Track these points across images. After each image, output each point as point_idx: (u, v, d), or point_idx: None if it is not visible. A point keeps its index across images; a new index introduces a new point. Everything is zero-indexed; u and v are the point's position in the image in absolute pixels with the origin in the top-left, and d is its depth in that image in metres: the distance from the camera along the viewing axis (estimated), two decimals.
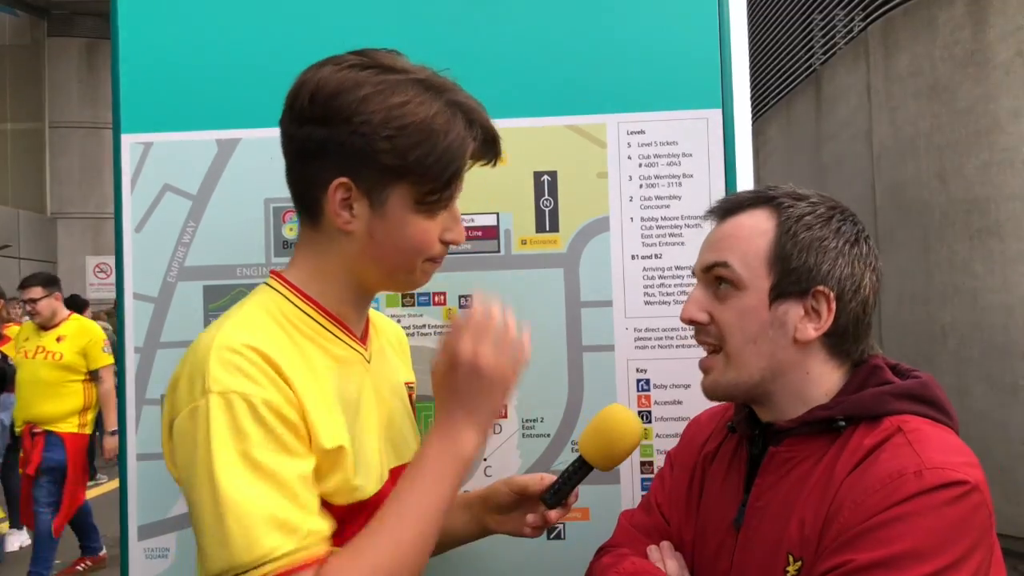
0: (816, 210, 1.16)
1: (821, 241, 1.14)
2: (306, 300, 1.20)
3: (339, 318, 1.22)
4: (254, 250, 1.63)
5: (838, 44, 7.40)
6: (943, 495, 1.00)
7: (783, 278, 1.14)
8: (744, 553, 1.15)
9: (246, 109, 1.63)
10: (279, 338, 1.14)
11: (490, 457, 1.61)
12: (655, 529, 1.32)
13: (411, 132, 1.11)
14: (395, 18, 1.63)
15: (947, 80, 5.53)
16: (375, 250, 1.18)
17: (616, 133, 1.62)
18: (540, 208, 1.62)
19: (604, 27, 1.62)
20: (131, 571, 1.60)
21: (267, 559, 1.01)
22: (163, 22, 1.65)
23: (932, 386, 1.14)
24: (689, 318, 1.19)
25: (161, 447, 1.55)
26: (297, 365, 1.12)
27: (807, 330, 1.14)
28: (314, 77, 1.15)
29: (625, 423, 1.26)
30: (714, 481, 1.27)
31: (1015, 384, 5.14)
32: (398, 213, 1.15)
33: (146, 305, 1.62)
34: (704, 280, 1.20)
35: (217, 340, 1.10)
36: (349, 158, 1.12)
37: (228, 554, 1.01)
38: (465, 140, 1.15)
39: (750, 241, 1.15)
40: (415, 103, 1.12)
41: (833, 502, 1.05)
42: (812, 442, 1.13)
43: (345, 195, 1.14)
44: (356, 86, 1.12)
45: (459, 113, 1.15)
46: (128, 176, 1.64)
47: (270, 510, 1.03)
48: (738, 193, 1.22)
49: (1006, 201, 5.21)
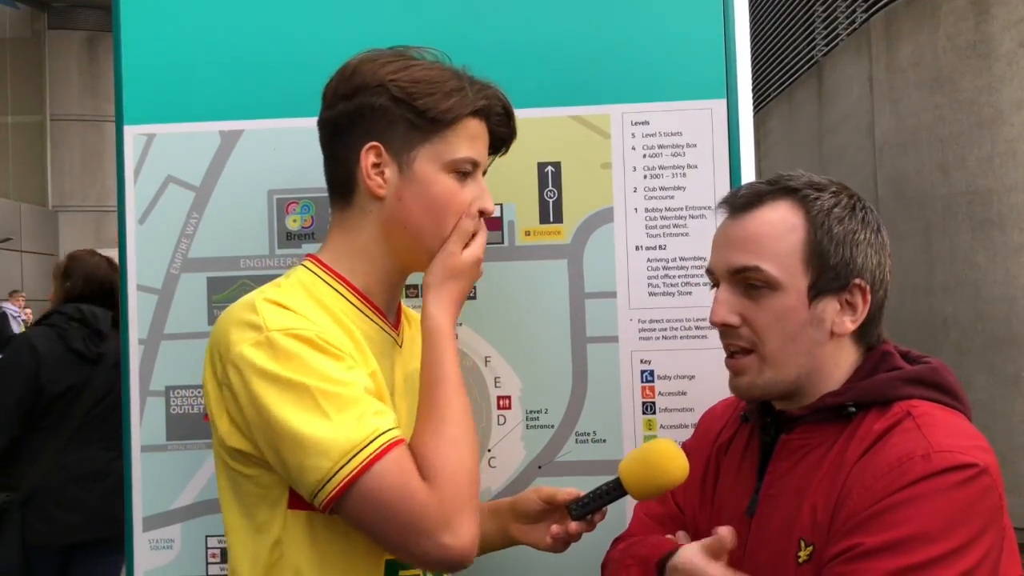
0: (840, 200, 1.15)
1: (854, 234, 1.13)
2: (338, 279, 1.26)
3: (370, 299, 1.27)
4: (257, 242, 1.63)
5: (840, 35, 7.38)
6: (951, 478, 1.00)
7: (821, 275, 1.12)
8: (757, 540, 1.16)
9: (249, 101, 1.62)
10: (315, 309, 1.21)
11: (494, 448, 1.61)
12: (670, 518, 1.32)
13: (426, 86, 1.22)
14: (398, 8, 1.63)
15: (949, 71, 5.52)
16: (404, 214, 1.24)
17: (620, 124, 1.62)
18: (544, 199, 1.62)
19: (608, 17, 1.62)
20: (136, 562, 1.60)
21: (378, 432, 1.10)
22: (165, 13, 1.64)
23: (943, 371, 1.14)
24: (722, 321, 1.16)
25: (163, 440, 1.56)
26: (336, 332, 1.19)
27: (844, 324, 1.14)
28: (341, 68, 1.27)
29: (674, 462, 1.21)
30: (728, 470, 1.27)
31: (1017, 375, 5.13)
32: (425, 172, 1.24)
33: (150, 297, 1.62)
34: (730, 281, 1.17)
35: (259, 294, 1.19)
36: (375, 120, 1.22)
37: (341, 441, 1.08)
38: (477, 97, 1.26)
39: (781, 239, 1.13)
40: (433, 67, 1.25)
41: (843, 487, 1.06)
42: (824, 429, 1.13)
43: (376, 160, 1.23)
44: (376, 58, 1.26)
45: (475, 82, 1.28)
46: (131, 168, 1.64)
47: (361, 404, 1.11)
48: (754, 184, 1.20)
49: (1008, 193, 5.20)
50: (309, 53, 1.61)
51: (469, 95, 1.25)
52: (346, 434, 1.09)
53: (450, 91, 1.23)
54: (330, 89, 1.27)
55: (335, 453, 1.08)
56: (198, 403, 1.60)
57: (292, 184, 1.62)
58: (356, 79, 1.23)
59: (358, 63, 1.25)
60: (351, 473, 1.08)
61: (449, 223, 1.25)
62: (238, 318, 1.16)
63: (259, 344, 1.12)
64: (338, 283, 1.25)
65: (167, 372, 1.61)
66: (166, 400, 1.61)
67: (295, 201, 1.62)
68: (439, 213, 1.25)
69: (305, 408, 1.09)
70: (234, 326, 1.15)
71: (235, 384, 1.13)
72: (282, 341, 1.12)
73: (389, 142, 1.23)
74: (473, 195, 1.27)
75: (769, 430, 1.20)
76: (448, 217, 1.25)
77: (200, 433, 1.59)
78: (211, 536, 1.59)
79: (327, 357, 1.13)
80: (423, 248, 1.27)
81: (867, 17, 6.64)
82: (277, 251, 1.63)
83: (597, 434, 1.59)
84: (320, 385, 1.11)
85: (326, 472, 1.08)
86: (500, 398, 1.61)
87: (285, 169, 1.62)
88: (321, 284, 1.25)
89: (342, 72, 1.26)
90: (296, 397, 1.10)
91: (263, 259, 1.63)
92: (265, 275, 1.60)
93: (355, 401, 1.12)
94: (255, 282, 1.60)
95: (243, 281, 1.61)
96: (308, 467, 1.09)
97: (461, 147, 1.25)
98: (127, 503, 1.61)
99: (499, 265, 1.59)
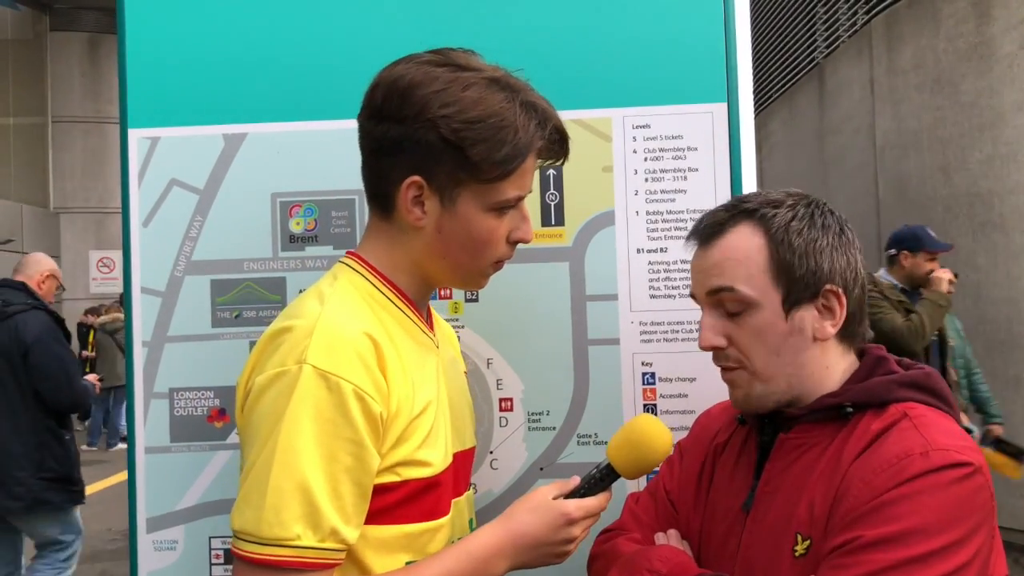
0: (796, 212, 1.18)
1: (815, 242, 1.17)
2: (387, 283, 1.24)
3: (415, 304, 1.26)
4: (261, 244, 1.63)
5: (841, 37, 7.39)
6: (949, 475, 1.03)
7: (792, 287, 1.16)
8: (752, 535, 1.18)
9: (253, 104, 1.63)
10: (375, 322, 1.18)
11: (496, 450, 1.61)
12: (662, 514, 1.35)
13: (481, 128, 1.14)
14: (401, 12, 1.64)
15: (950, 73, 5.53)
16: (442, 246, 1.21)
17: (621, 127, 1.63)
18: (546, 202, 1.63)
19: (609, 21, 1.63)
20: (140, 563, 1.61)
21: (284, 542, 1.05)
22: (170, 16, 1.65)
23: (935, 377, 1.18)
24: (710, 346, 1.20)
25: (167, 442, 1.57)
26: (390, 349, 1.16)
27: (825, 328, 1.17)
28: (390, 75, 1.19)
29: (657, 434, 1.25)
30: (724, 471, 1.30)
31: (1018, 377, 5.14)
32: (467, 211, 1.19)
33: (153, 299, 1.63)
34: (710, 303, 1.21)
35: (325, 316, 1.13)
36: (422, 155, 1.16)
37: (255, 520, 1.06)
38: (533, 138, 1.18)
39: (748, 261, 1.17)
40: (487, 100, 1.15)
41: (841, 483, 1.09)
42: (821, 428, 1.17)
43: (417, 193, 1.18)
44: (429, 81, 1.15)
45: (531, 112, 1.18)
46: (135, 171, 1.65)
47: (310, 498, 1.06)
48: (714, 212, 1.23)
49: (1009, 195, 5.20)
50: (313, 57, 1.62)
51: (522, 140, 1.16)
52: (261, 518, 1.06)
53: (504, 139, 1.15)
54: (376, 97, 1.19)
55: (246, 524, 1.07)
56: (202, 405, 1.61)
57: (295, 187, 1.63)
58: (406, 106, 1.15)
59: (408, 84, 1.15)
60: (268, 556, 1.06)
61: (487, 256, 1.23)
62: (292, 338, 1.12)
63: (282, 376, 1.10)
64: (388, 288, 1.24)
65: (171, 374, 1.62)
66: (170, 402, 1.62)
67: (298, 204, 1.63)
68: (478, 249, 1.22)
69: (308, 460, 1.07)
70: (287, 343, 1.12)
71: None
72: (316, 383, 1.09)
73: (433, 177, 1.17)
74: (512, 226, 1.23)
75: (767, 430, 1.23)
76: (486, 252, 1.23)
77: (204, 435, 1.60)
78: (215, 537, 1.60)
79: (341, 425, 1.09)
80: (458, 276, 1.27)
81: (868, 19, 6.65)
82: (280, 254, 1.63)
83: (599, 436, 1.60)
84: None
85: (252, 530, 1.07)
86: (502, 400, 1.62)
87: (288, 172, 1.63)
88: (372, 289, 1.23)
89: (393, 85, 1.17)
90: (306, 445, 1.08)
91: (266, 262, 1.63)
92: (268, 278, 1.62)
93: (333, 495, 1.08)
94: (259, 285, 1.62)
95: (247, 283, 1.62)
96: (250, 505, 1.08)
97: (510, 190, 1.20)
98: (131, 504, 1.62)
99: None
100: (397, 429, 1.15)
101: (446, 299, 1.63)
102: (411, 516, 1.17)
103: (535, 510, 1.20)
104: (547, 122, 1.20)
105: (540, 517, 1.19)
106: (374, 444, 1.11)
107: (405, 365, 1.18)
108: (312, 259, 1.62)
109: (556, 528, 1.19)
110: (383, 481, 1.14)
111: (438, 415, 1.23)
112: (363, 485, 1.11)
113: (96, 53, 15.60)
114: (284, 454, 1.06)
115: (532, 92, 1.21)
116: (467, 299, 1.63)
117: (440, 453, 1.21)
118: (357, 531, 1.11)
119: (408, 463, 1.16)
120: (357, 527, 1.11)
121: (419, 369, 1.22)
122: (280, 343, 1.12)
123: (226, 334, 1.62)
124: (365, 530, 1.14)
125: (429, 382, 1.23)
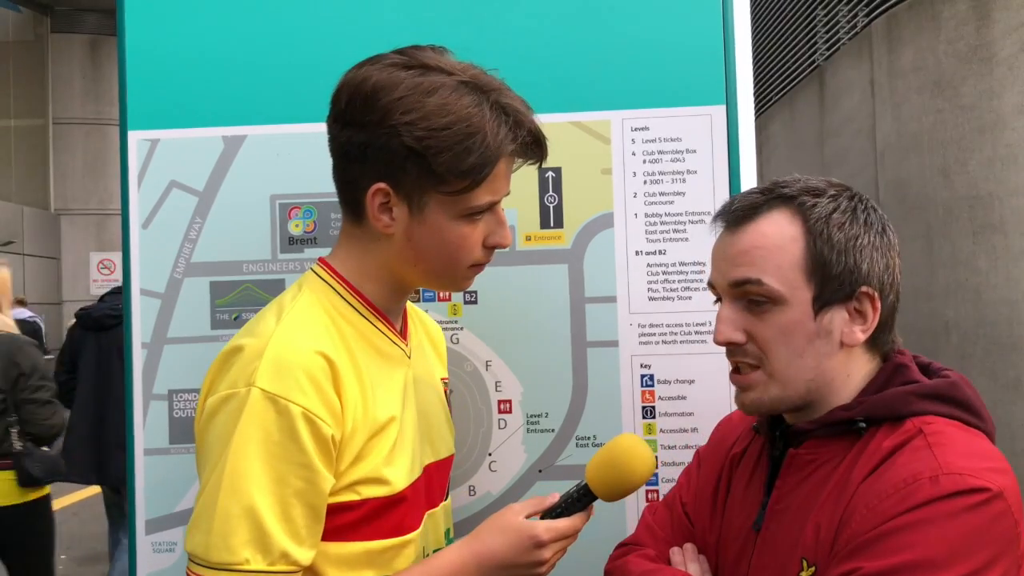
0: (839, 204, 1.09)
1: (856, 239, 1.07)
2: (354, 294, 1.21)
3: (384, 313, 1.23)
4: (260, 246, 1.64)
5: (841, 39, 7.39)
6: (960, 502, 0.94)
7: (825, 286, 1.06)
8: (761, 557, 1.11)
9: (252, 106, 1.64)
10: (335, 338, 1.14)
11: (495, 452, 1.62)
12: (678, 528, 1.28)
13: (446, 136, 1.09)
14: (400, 14, 1.64)
15: (951, 76, 5.52)
16: (413, 253, 1.18)
17: (620, 129, 1.63)
18: (545, 204, 1.63)
19: (608, 23, 1.63)
20: (139, 565, 1.61)
21: (233, 567, 1.04)
22: (170, 18, 1.66)
23: (962, 386, 1.08)
24: (727, 340, 1.10)
25: (166, 444, 1.57)
26: (348, 367, 1.13)
27: (855, 334, 1.08)
28: (354, 78, 1.15)
29: (638, 458, 1.18)
30: (739, 483, 1.22)
31: (1018, 380, 5.13)
32: (437, 219, 1.15)
33: (153, 301, 1.63)
34: (732, 295, 1.11)
35: (277, 336, 1.10)
36: (387, 162, 1.11)
37: (204, 544, 1.04)
38: (503, 143, 1.13)
39: (781, 251, 1.07)
40: (453, 105, 1.10)
41: (848, 507, 1.00)
42: (832, 444, 1.08)
43: (384, 200, 1.14)
44: (393, 87, 1.11)
45: (501, 116, 1.13)
46: (135, 173, 1.65)
47: (258, 522, 1.04)
48: (748, 194, 1.13)
49: (1010, 197, 5.20)
50: (312, 59, 1.63)
51: (491, 146, 1.11)
52: (210, 542, 1.05)
53: (471, 146, 1.10)
54: (340, 101, 1.15)
55: (196, 548, 1.06)
56: None
57: (295, 189, 1.63)
58: (369, 111, 1.11)
59: (372, 89, 1.11)
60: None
61: (461, 261, 1.19)
62: (244, 357, 1.10)
63: (231, 399, 1.07)
64: (355, 298, 1.21)
65: (170, 376, 1.62)
66: (169, 404, 1.62)
67: (298, 206, 1.63)
68: (451, 256, 1.18)
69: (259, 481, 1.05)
70: (238, 363, 1.10)
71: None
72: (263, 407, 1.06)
73: (399, 185, 1.13)
74: (487, 231, 1.19)
75: (778, 444, 1.16)
76: (460, 258, 1.18)
77: None
78: None
79: (291, 449, 1.07)
80: (433, 280, 1.24)
81: (868, 21, 6.64)
82: (280, 256, 1.64)
83: (597, 438, 1.60)
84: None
85: (201, 555, 1.06)
86: (501, 402, 1.62)
87: (288, 174, 1.63)
88: (338, 299, 1.20)
89: (357, 89, 1.13)
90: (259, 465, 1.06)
91: (266, 263, 1.64)
92: (267, 279, 1.62)
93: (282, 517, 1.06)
94: (258, 287, 1.62)
95: (246, 285, 1.62)
96: (199, 530, 1.07)
97: (482, 196, 1.15)
98: (130, 506, 1.62)
99: (500, 270, 1.60)
100: (355, 448, 1.12)
101: (445, 301, 1.63)
102: (375, 533, 1.15)
103: (503, 531, 1.15)
104: (520, 125, 1.14)
105: (507, 538, 1.15)
106: (325, 466, 1.08)
107: (365, 381, 1.15)
108: (311, 261, 1.61)
109: (523, 550, 1.14)
110: (342, 500, 1.12)
111: (404, 430, 1.20)
112: (316, 507, 1.09)
113: (97, 55, 15.62)
114: (232, 478, 1.04)
115: (506, 93, 1.16)
116: (466, 301, 1.63)
117: (404, 470, 1.18)
118: (312, 551, 1.10)
119: (367, 481, 1.13)
120: (312, 547, 1.09)
121: (383, 383, 1.19)
122: (232, 364, 1.10)
123: (225, 336, 1.62)
124: (326, 547, 1.12)
125: (394, 396, 1.20)
